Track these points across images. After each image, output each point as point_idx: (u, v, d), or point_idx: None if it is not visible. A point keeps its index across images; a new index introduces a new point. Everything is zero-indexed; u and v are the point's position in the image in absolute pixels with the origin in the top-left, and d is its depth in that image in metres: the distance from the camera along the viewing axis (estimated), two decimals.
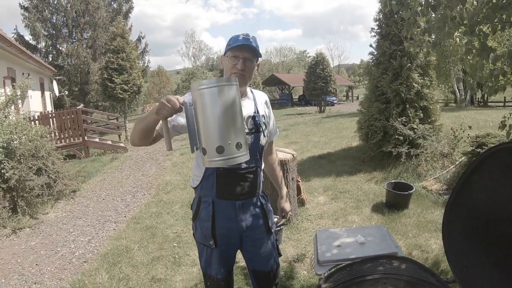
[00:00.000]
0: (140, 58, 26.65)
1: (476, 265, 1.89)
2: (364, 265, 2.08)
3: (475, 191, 1.85)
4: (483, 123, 11.04)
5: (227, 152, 1.49)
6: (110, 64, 14.40)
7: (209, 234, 2.07)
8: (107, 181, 8.16)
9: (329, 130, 13.17)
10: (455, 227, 1.98)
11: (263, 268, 2.30)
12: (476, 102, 26.44)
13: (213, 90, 1.47)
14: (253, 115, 2.00)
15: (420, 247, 3.96)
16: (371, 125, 7.51)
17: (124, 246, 4.48)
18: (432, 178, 6.21)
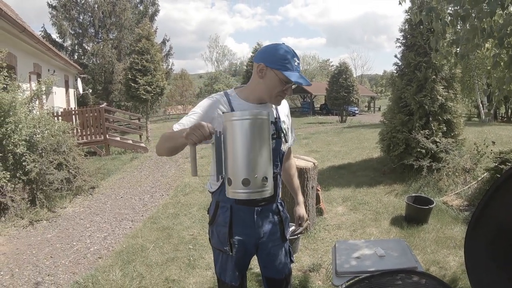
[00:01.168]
0: (164, 60, 26.96)
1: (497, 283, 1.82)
2: (383, 279, 2.03)
3: (500, 208, 1.79)
4: (507, 139, 10.78)
5: (252, 186, 1.49)
6: (135, 65, 14.59)
7: (226, 240, 2.05)
8: (126, 179, 8.25)
9: (350, 140, 13.05)
10: (478, 244, 1.91)
11: (277, 275, 2.29)
12: (499, 118, 25.89)
13: (244, 123, 1.48)
14: (274, 121, 1.97)
15: (438, 263, 3.87)
16: (393, 137, 7.40)
17: (139, 245, 4.50)
18: (453, 193, 6.08)
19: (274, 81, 1.83)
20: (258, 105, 1.95)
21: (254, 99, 1.93)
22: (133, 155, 11.12)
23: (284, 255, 2.28)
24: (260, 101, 1.94)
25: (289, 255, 2.34)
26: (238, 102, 1.93)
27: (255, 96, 1.93)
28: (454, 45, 3.06)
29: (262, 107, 1.95)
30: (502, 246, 1.81)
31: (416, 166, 6.68)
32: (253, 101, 1.94)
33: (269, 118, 1.58)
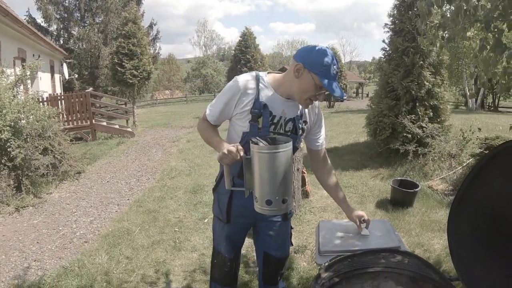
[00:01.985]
0: (151, 44, 26.69)
1: (481, 265, 1.85)
2: (365, 257, 2.03)
3: (483, 189, 1.80)
4: (493, 126, 10.90)
5: (274, 205, 1.72)
6: (121, 49, 14.36)
7: (224, 209, 2.14)
8: (112, 164, 8.19)
9: (337, 125, 13.11)
10: (461, 225, 1.93)
11: (274, 253, 2.34)
12: (486, 107, 26.14)
13: (266, 156, 1.66)
14: (294, 118, 1.99)
15: (422, 246, 3.93)
16: (379, 121, 7.44)
17: (125, 229, 4.49)
18: (439, 178, 6.14)
19: (309, 85, 1.82)
20: (286, 100, 1.95)
21: (283, 93, 1.94)
22: (120, 140, 11.05)
23: (285, 234, 2.35)
24: (288, 97, 1.95)
25: (290, 237, 2.41)
26: (266, 90, 1.94)
27: (285, 90, 1.93)
28: (441, 29, 3.04)
29: (289, 102, 1.96)
30: (485, 227, 1.83)
31: (402, 151, 6.74)
32: (282, 94, 1.94)
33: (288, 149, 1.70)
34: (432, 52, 7.11)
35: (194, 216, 4.89)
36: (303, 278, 3.22)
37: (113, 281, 3.28)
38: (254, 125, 1.90)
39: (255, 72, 2.00)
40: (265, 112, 1.89)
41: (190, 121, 16.20)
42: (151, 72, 15.36)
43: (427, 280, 1.90)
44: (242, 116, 1.93)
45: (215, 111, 2.00)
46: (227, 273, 2.36)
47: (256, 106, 1.88)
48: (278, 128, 1.96)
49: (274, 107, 1.92)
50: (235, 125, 1.99)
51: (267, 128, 1.91)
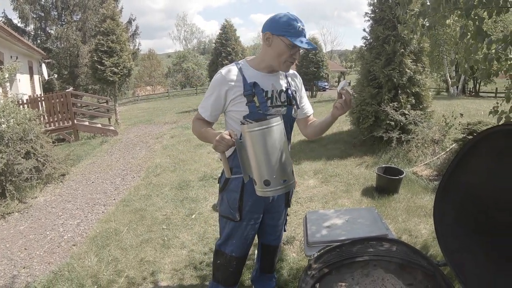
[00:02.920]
0: (130, 40, 26.42)
1: (468, 249, 1.86)
2: (354, 247, 2.06)
3: (467, 174, 1.82)
4: (475, 111, 11.08)
5: (273, 185, 1.67)
6: (100, 47, 14.17)
7: (236, 206, 2.12)
8: (96, 164, 8.09)
9: (320, 115, 12.97)
10: (447, 210, 1.96)
11: (273, 242, 2.45)
12: (468, 92, 26.51)
13: (261, 132, 1.63)
14: (285, 89, 2.07)
15: (409, 232, 3.97)
16: (362, 110, 7.50)
17: (113, 229, 4.45)
18: (423, 164, 6.22)
19: (281, 47, 1.91)
20: (268, 74, 2.03)
21: (264, 68, 2.02)
22: (103, 139, 10.91)
23: (283, 222, 2.41)
24: (270, 70, 2.02)
25: (284, 224, 2.46)
26: (249, 71, 2.01)
27: (265, 64, 2.01)
28: (421, 17, 3.07)
29: (273, 75, 2.04)
30: (470, 212, 1.85)
31: (385, 138, 6.81)
32: (263, 69, 2.02)
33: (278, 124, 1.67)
34: (413, 40, 7.16)
35: (181, 212, 4.87)
36: (293, 269, 3.23)
37: (103, 283, 3.25)
38: (252, 105, 1.94)
39: (234, 62, 2.08)
40: (258, 89, 1.95)
41: (172, 117, 16.07)
42: (131, 69, 15.21)
43: (415, 266, 1.94)
44: (237, 102, 1.97)
45: (207, 107, 2.03)
46: (231, 273, 2.34)
47: (247, 87, 1.94)
48: (274, 101, 2.02)
49: (263, 83, 1.98)
50: (234, 114, 2.02)
51: (265, 104, 1.96)
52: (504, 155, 1.60)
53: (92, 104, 18.63)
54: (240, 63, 2.05)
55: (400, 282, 1.96)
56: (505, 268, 1.66)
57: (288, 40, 1.87)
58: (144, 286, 3.20)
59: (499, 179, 1.66)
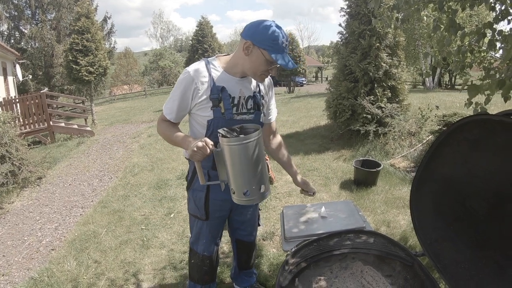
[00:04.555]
0: (106, 39, 26.02)
1: (445, 239, 1.91)
2: (331, 240, 2.07)
3: (443, 165, 1.86)
4: (450, 104, 11.27)
5: (251, 195, 1.72)
6: (75, 46, 13.94)
7: (202, 205, 2.12)
8: (73, 166, 7.95)
9: (297, 110, 13.25)
10: (424, 201, 2.00)
11: (247, 239, 2.48)
12: (443, 85, 26.97)
13: (241, 147, 1.64)
14: (253, 95, 2.00)
15: (388, 223, 4.03)
16: (339, 104, 7.56)
17: (91, 231, 4.39)
18: (400, 156, 6.31)
19: (259, 61, 1.83)
20: (240, 79, 1.95)
21: (236, 73, 1.94)
22: (80, 140, 10.73)
23: (255, 217, 2.43)
24: (242, 75, 1.95)
25: (258, 219, 2.49)
26: (219, 74, 1.92)
27: (238, 70, 1.93)
28: (395, 10, 3.10)
29: (244, 81, 1.97)
30: (447, 201, 1.89)
31: (362, 131, 6.89)
32: (235, 74, 1.94)
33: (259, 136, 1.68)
34: (388, 34, 7.26)
35: (159, 212, 4.84)
36: (273, 265, 3.25)
37: (84, 287, 3.21)
38: (217, 110, 1.89)
39: (203, 59, 1.98)
40: (225, 95, 1.88)
41: (150, 115, 15.90)
42: (107, 68, 15.00)
43: (393, 257, 1.97)
44: (202, 105, 1.91)
45: (173, 108, 1.96)
46: (206, 272, 2.40)
47: (214, 91, 1.87)
48: (240, 108, 1.96)
49: (231, 88, 1.91)
50: (197, 117, 1.97)
51: (230, 111, 1.90)
52: (478, 145, 1.64)
53: (68, 104, 18.28)
54: (210, 62, 1.96)
55: (379, 274, 1.99)
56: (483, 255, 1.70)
57: (270, 57, 1.79)
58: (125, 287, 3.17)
59: (474, 168, 1.70)
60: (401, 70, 7.59)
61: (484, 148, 1.61)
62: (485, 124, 1.55)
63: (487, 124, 1.54)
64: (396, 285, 1.92)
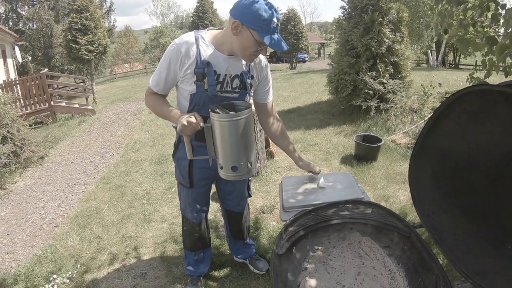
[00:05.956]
0: (105, 17, 25.76)
1: (443, 211, 1.90)
2: (329, 210, 2.06)
3: (442, 136, 1.84)
4: (453, 82, 11.15)
5: (240, 171, 1.76)
6: (74, 25, 13.84)
7: (186, 173, 2.16)
8: (75, 144, 7.97)
9: (299, 85, 13.16)
10: (422, 172, 1.98)
11: (236, 209, 2.51)
12: (447, 64, 26.63)
13: (231, 123, 1.66)
14: (240, 74, 1.95)
15: (388, 198, 4.04)
16: (341, 79, 7.49)
17: (93, 207, 4.42)
18: (401, 132, 6.28)
19: (249, 41, 1.76)
20: (228, 57, 1.90)
21: (225, 50, 1.88)
22: (81, 119, 10.72)
23: (243, 187, 2.45)
24: (231, 54, 1.89)
25: (247, 189, 2.51)
26: (207, 49, 1.87)
27: (227, 47, 1.87)
28: None
29: (233, 59, 1.91)
30: (446, 174, 1.88)
31: (364, 107, 6.84)
32: (223, 51, 1.89)
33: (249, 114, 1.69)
34: (391, 10, 7.14)
35: (161, 186, 4.87)
36: (273, 237, 3.27)
37: (87, 262, 3.24)
38: (201, 85, 1.86)
39: (194, 31, 1.93)
40: (210, 71, 1.84)
41: None
42: (107, 46, 14.93)
43: (391, 228, 1.95)
44: (187, 79, 1.88)
45: (160, 80, 1.93)
46: (197, 238, 2.46)
47: (199, 65, 1.83)
48: (225, 86, 1.93)
49: (217, 65, 1.87)
50: (182, 90, 1.96)
51: (213, 87, 1.87)
52: (477, 116, 1.61)
53: (70, 84, 18.22)
54: (200, 36, 1.89)
55: (377, 245, 2.00)
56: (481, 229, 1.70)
57: (259, 38, 1.71)
58: (126, 261, 3.20)
59: (473, 141, 1.68)
60: (404, 46, 7.48)
61: (484, 120, 1.58)
62: (485, 95, 1.51)
63: (487, 95, 1.50)
64: (393, 256, 1.93)
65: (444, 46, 22.50)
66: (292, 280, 1.80)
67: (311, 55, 42.49)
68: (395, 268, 1.89)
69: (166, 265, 3.08)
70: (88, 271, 3.10)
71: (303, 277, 1.86)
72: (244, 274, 2.82)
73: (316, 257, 1.97)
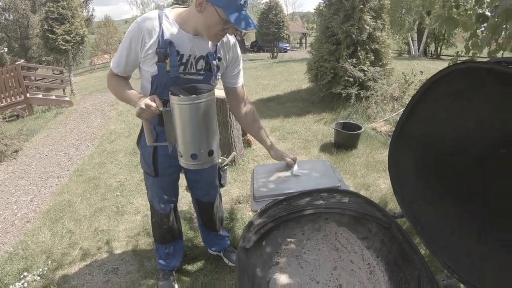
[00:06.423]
0: (83, 6, 25.21)
1: (426, 199, 1.77)
2: (302, 199, 1.94)
3: (422, 121, 1.71)
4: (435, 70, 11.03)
5: (200, 159, 1.66)
6: (50, 14, 13.57)
7: (150, 162, 2.07)
8: (50, 137, 7.76)
9: (279, 74, 13.14)
10: (403, 159, 1.85)
11: (205, 199, 2.42)
12: (429, 55, 26.83)
13: (191, 106, 1.55)
14: (205, 55, 1.83)
15: (368, 187, 3.99)
16: (320, 66, 7.42)
17: (66, 201, 4.29)
18: (382, 120, 6.24)
19: (214, 19, 1.63)
20: (193, 37, 1.77)
21: (190, 30, 1.76)
22: (58, 111, 10.46)
23: (212, 175, 2.36)
24: (196, 33, 1.77)
25: (219, 179, 2.42)
26: (171, 28, 1.74)
27: (191, 27, 1.75)
28: None
29: (198, 39, 1.79)
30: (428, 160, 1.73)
31: (344, 95, 6.79)
32: (189, 31, 1.76)
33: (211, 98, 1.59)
34: None
35: (135, 178, 4.76)
36: None
37: (58, 258, 3.14)
38: (162, 66, 1.74)
39: (158, 10, 1.80)
40: (172, 51, 1.72)
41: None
42: (84, 36, 14.65)
43: (369, 218, 1.85)
44: (148, 59, 1.76)
45: (121, 61, 1.82)
46: (166, 230, 2.39)
47: (161, 45, 1.71)
48: (189, 67, 1.81)
49: (181, 45, 1.74)
50: (144, 72, 1.84)
51: (176, 68, 1.75)
52: (463, 96, 1.48)
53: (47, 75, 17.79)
54: (164, 14, 1.77)
55: (354, 236, 1.90)
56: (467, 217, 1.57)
57: (224, 15, 1.59)
58: (98, 256, 3.11)
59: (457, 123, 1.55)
60: (386, 34, 7.42)
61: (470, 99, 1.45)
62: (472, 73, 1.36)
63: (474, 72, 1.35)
64: (372, 248, 1.83)
65: (426, 36, 22.67)
66: (261, 276, 1.68)
67: (292, 44, 42.39)
68: (375, 262, 1.78)
69: (139, 259, 2.99)
70: (59, 268, 3.01)
71: (273, 273, 1.74)
72: (219, 267, 2.75)
73: (289, 250, 1.86)
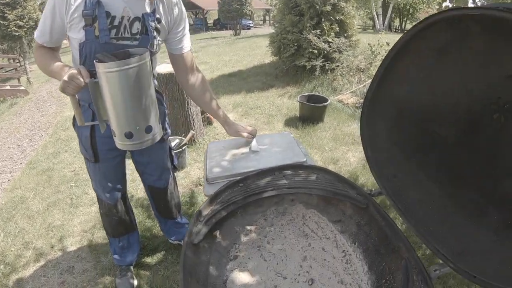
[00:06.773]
0: None
1: (406, 173, 1.58)
2: (261, 179, 1.71)
3: (399, 82, 1.50)
4: None
5: (136, 138, 1.44)
6: None
7: (89, 145, 1.80)
8: (4, 129, 7.29)
9: (242, 49, 12.99)
10: (378, 128, 1.64)
11: (157, 184, 2.17)
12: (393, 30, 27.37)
13: (121, 73, 1.31)
14: (141, 16, 1.56)
15: (337, 161, 3.86)
16: (283, 39, 7.24)
17: (19, 197, 3.99)
18: (349, 92, 6.14)
19: None
20: None
21: None
22: (13, 101, 9.94)
23: (163, 156, 2.11)
24: None
25: (170, 159, 2.17)
26: None
27: None
28: None
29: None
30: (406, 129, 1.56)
31: (308, 67, 6.66)
32: None
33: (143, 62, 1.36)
34: None
35: None
36: None
37: (11, 261, 2.90)
38: (90, 31, 1.48)
39: None
40: (100, 12, 1.46)
41: None
42: (38, 20, 13.85)
43: (342, 198, 1.61)
44: (75, 24, 1.50)
45: (45, 29, 1.56)
46: (117, 222, 2.14)
47: (88, 6, 1.45)
48: (122, 31, 1.55)
49: (111, 5, 1.48)
50: (72, 40, 1.57)
51: (106, 32, 1.49)
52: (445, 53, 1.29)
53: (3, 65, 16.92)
54: None
55: (325, 219, 1.68)
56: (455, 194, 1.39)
57: None
58: (53, 255, 2.89)
59: (439, 85, 1.37)
60: (351, 5, 7.24)
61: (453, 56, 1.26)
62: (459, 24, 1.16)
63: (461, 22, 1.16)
64: (347, 233, 1.60)
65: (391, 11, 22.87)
66: (216, 276, 1.45)
67: (256, 21, 41.86)
68: (351, 249, 1.56)
69: (95, 255, 2.79)
70: (13, 272, 2.77)
71: (231, 270, 1.51)
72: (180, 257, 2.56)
73: (249, 241, 1.63)
